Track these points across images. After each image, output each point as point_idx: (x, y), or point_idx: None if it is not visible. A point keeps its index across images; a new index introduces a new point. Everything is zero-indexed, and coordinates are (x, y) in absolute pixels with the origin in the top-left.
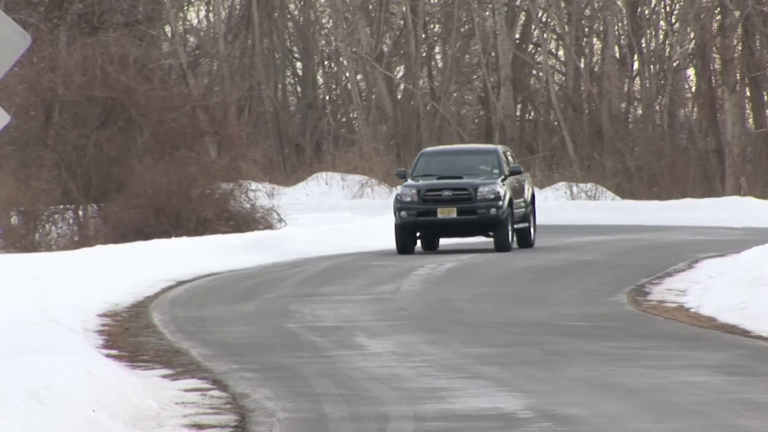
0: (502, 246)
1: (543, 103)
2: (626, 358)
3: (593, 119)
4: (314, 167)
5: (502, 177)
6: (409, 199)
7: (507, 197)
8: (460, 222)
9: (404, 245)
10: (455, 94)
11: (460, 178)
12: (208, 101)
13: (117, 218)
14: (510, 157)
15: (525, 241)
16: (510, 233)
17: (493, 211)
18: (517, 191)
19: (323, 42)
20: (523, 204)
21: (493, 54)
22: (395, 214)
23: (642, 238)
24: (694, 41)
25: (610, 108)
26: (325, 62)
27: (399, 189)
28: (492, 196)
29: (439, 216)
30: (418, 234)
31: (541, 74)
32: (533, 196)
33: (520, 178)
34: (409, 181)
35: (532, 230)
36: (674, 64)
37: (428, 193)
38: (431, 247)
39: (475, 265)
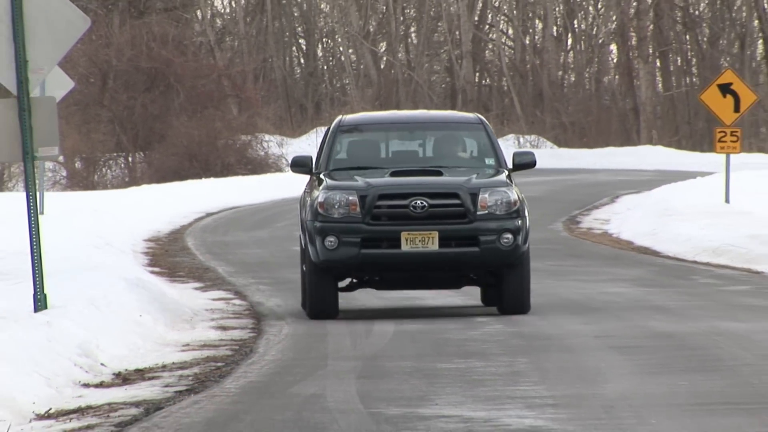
0: (516, 302)
1: (496, 72)
2: (562, 274)
3: (536, 84)
4: (315, 123)
5: (506, 172)
6: (342, 211)
7: (526, 212)
8: (447, 259)
9: (325, 302)
10: (426, 65)
11: (439, 173)
12: (231, 70)
13: (159, 163)
14: None
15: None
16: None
17: (507, 238)
18: None
19: (322, 23)
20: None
21: (456, 33)
22: (311, 242)
23: (574, 178)
24: (615, 22)
25: (549, 75)
26: (324, 39)
27: (319, 194)
28: (505, 210)
29: (406, 248)
30: (348, 281)
31: (494, 49)
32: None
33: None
34: (329, 180)
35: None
36: (600, 41)
37: (383, 201)
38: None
39: None
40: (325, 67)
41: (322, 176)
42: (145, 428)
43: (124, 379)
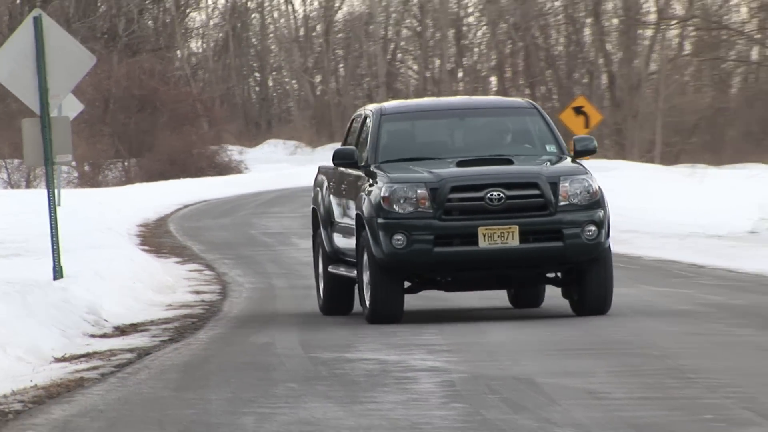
0: (598, 302)
1: (405, 98)
2: None
3: None
4: (267, 136)
5: (571, 159)
6: (409, 207)
7: (606, 202)
8: (529, 255)
9: (390, 304)
10: (351, 92)
11: (510, 162)
12: (203, 96)
13: (148, 167)
14: None
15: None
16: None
17: (591, 231)
18: None
19: (272, 60)
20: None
21: (374, 68)
22: (373, 240)
23: None
24: (495, 60)
25: None
26: (273, 72)
27: (382, 187)
28: (587, 200)
29: (483, 244)
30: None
31: (403, 80)
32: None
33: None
34: (390, 173)
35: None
36: (483, 74)
37: (456, 194)
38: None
39: None
40: (275, 94)
41: (373, 169)
42: (138, 368)
43: (121, 331)
